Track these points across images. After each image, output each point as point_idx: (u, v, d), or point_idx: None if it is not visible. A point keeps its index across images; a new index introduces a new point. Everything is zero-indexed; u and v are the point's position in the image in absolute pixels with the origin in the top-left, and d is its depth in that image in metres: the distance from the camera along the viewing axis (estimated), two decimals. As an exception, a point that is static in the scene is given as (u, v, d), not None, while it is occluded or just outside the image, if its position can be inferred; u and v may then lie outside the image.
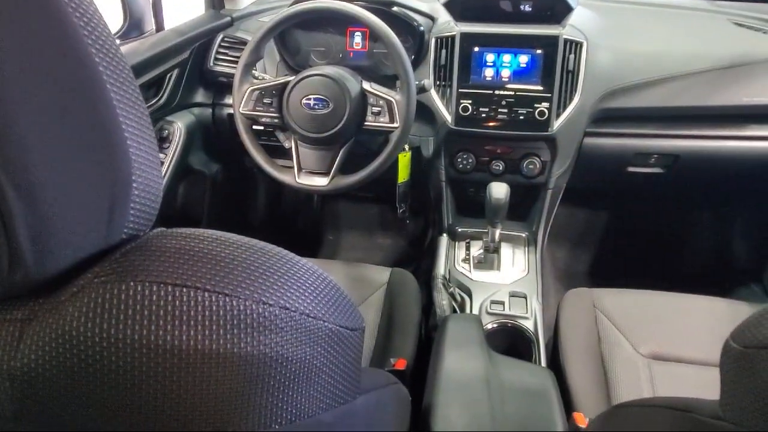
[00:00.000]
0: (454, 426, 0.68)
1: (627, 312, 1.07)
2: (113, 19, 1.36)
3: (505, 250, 1.28)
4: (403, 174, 1.32)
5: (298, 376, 0.34)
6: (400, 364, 0.92)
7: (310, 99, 1.11)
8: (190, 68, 1.40)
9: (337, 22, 1.32)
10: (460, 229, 1.38)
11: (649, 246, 1.72)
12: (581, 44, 1.20)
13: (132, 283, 0.31)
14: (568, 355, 1.02)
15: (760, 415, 0.37)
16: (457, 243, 1.33)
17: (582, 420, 0.84)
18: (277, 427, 0.33)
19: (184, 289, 0.31)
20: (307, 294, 0.36)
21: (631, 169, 1.34)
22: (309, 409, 0.35)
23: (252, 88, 1.16)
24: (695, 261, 1.67)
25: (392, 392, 0.56)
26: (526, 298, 1.13)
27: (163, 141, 1.33)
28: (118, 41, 0.47)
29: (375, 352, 1.04)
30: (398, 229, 1.88)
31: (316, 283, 0.38)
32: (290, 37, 1.38)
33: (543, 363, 1.03)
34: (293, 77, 1.12)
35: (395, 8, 1.29)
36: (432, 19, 1.32)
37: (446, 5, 1.31)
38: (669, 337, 1.02)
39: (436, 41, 1.26)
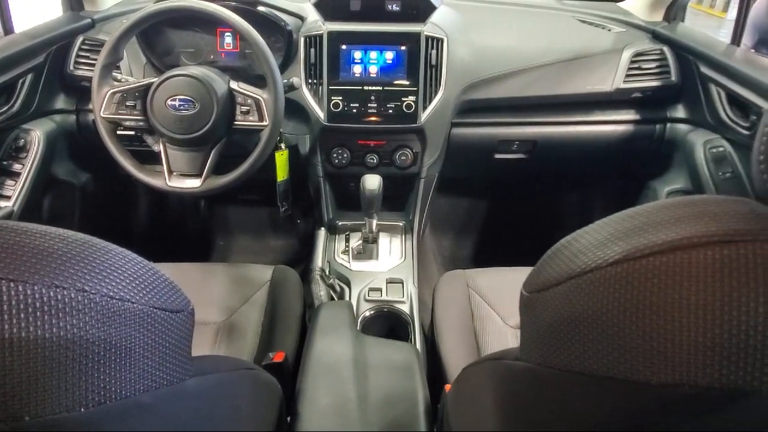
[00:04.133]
0: (319, 407, 0.70)
1: (497, 289, 1.15)
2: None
3: (383, 239, 1.33)
4: (281, 173, 1.33)
5: (105, 358, 0.35)
6: (279, 357, 0.93)
7: (175, 100, 1.09)
8: (47, 73, 1.32)
9: (205, 22, 1.31)
10: (340, 223, 1.41)
11: (523, 226, 1.85)
12: (442, 40, 1.27)
13: None
14: (443, 332, 1.08)
15: (538, 349, 0.42)
16: (337, 236, 1.36)
17: None
18: (83, 410, 0.34)
19: None
20: (112, 277, 0.37)
21: (497, 156, 1.44)
22: (122, 390, 0.36)
23: (113, 90, 1.12)
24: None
25: (244, 377, 0.57)
26: (402, 283, 1.18)
27: (19, 151, 1.25)
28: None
29: (259, 348, 1.05)
30: (288, 229, 1.88)
31: (126, 266, 0.39)
32: (159, 37, 1.34)
33: (418, 342, 1.08)
34: (156, 78, 1.10)
35: (262, 8, 1.29)
36: (301, 18, 1.34)
37: (316, 5, 1.34)
38: None
39: (305, 40, 1.29)
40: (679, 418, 0.34)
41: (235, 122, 1.13)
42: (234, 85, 1.13)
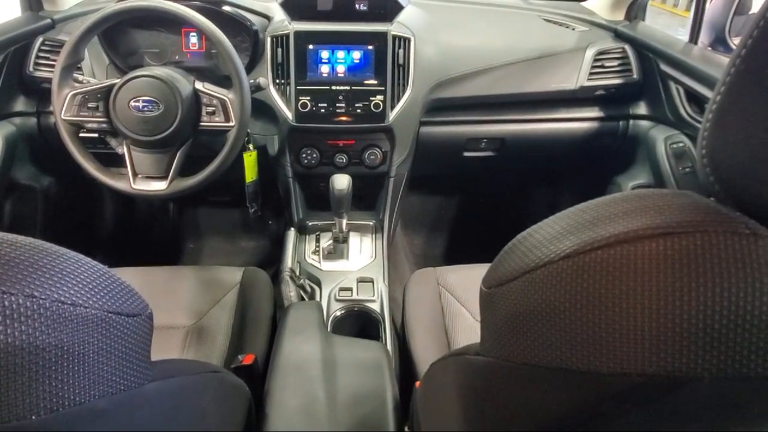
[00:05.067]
0: (287, 407, 0.70)
1: (467, 285, 1.16)
2: None
3: (354, 239, 1.33)
4: (250, 174, 1.32)
5: (56, 364, 0.34)
6: (248, 360, 0.92)
7: (138, 101, 1.07)
8: (5, 75, 1.29)
9: (169, 22, 1.29)
10: (310, 223, 1.41)
11: (494, 223, 1.87)
12: (409, 39, 1.28)
13: None
14: (414, 330, 1.08)
15: (496, 343, 0.43)
16: (307, 236, 1.36)
17: None
18: (34, 417, 0.33)
19: None
20: (63, 282, 0.36)
21: (466, 154, 1.46)
22: (75, 397, 0.35)
23: (73, 92, 1.09)
24: None
25: (208, 380, 0.56)
26: (373, 282, 1.19)
27: (-24, 155, 1.21)
28: None
29: (229, 351, 1.04)
30: (259, 230, 1.87)
31: (78, 271, 0.38)
32: (122, 37, 1.32)
33: (389, 341, 1.09)
34: (119, 79, 1.08)
35: (227, 8, 1.28)
36: (267, 18, 1.33)
37: (283, 5, 1.33)
38: None
39: (272, 40, 1.28)
40: (629, 407, 0.35)
41: (201, 123, 1.12)
42: (199, 85, 1.12)
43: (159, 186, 1.12)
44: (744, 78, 0.33)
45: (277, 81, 1.29)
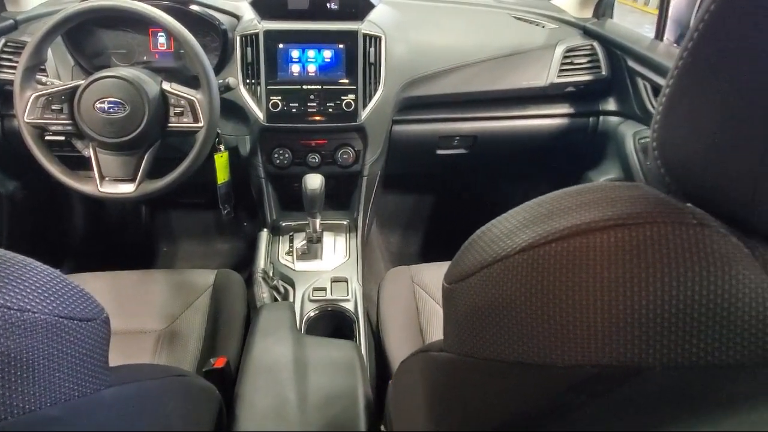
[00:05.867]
0: (258, 409, 0.69)
1: (441, 282, 1.16)
2: None
3: (328, 238, 1.33)
4: (222, 175, 1.30)
5: (4, 372, 0.33)
6: (220, 363, 0.91)
7: (104, 102, 1.06)
8: None
9: (136, 22, 1.27)
10: (284, 224, 1.40)
11: (468, 221, 1.88)
12: (380, 38, 1.28)
13: None
14: (388, 328, 1.08)
15: (458, 339, 0.43)
16: (281, 237, 1.35)
17: None
18: None
19: None
20: (11, 287, 0.35)
21: (439, 151, 1.46)
22: (25, 404, 0.34)
23: (36, 94, 1.07)
24: None
25: (173, 383, 0.55)
26: (347, 281, 1.18)
27: (-64, 160, 1.18)
28: None
29: (201, 355, 1.02)
30: (234, 232, 1.85)
31: (28, 275, 0.37)
32: (88, 38, 1.29)
33: (363, 340, 1.08)
34: (83, 80, 1.06)
35: (195, 7, 1.26)
36: (236, 17, 1.31)
37: (253, 4, 1.32)
38: None
39: (241, 39, 1.26)
40: (585, 399, 0.35)
41: (169, 124, 1.11)
42: (166, 86, 1.10)
43: (127, 189, 1.10)
44: (690, 71, 0.34)
45: (248, 81, 1.27)
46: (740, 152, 0.31)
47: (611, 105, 1.43)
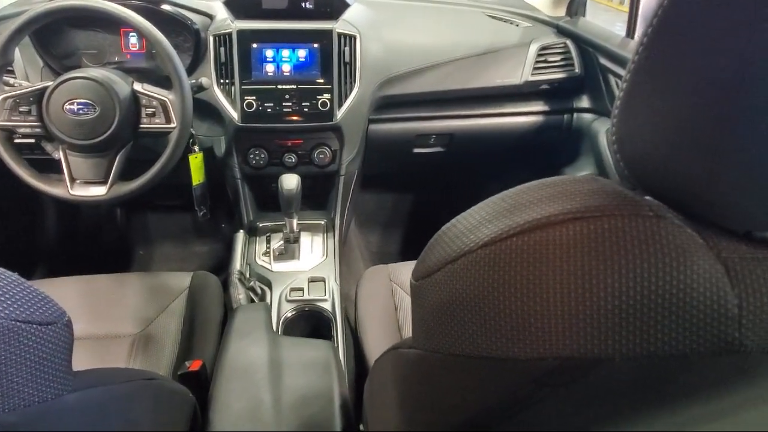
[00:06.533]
0: (233, 411, 0.69)
1: None
2: None
3: (305, 238, 1.32)
4: (197, 176, 1.29)
5: None
6: (195, 366, 0.90)
7: (73, 104, 1.04)
8: None
9: (107, 22, 1.25)
10: (260, 224, 1.39)
11: (447, 219, 1.89)
12: (354, 37, 1.27)
13: None
14: (366, 327, 1.08)
15: (425, 335, 0.43)
16: (258, 238, 1.34)
17: None
18: None
19: None
20: None
21: (416, 150, 1.47)
22: None
23: (4, 96, 1.05)
24: None
25: (142, 387, 0.55)
26: (324, 281, 1.18)
27: None
28: None
29: (177, 358, 1.01)
30: (212, 234, 1.83)
31: None
32: (58, 38, 1.27)
33: (341, 339, 1.08)
34: (52, 82, 1.04)
35: (167, 7, 1.25)
36: (209, 17, 1.30)
37: (226, 3, 1.31)
38: None
39: (214, 39, 1.25)
40: (548, 391, 0.35)
41: (141, 125, 1.09)
42: (138, 86, 1.09)
43: (98, 191, 1.09)
44: (646, 67, 0.34)
45: (221, 81, 1.26)
46: (694, 146, 0.32)
47: (585, 102, 1.45)
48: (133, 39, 1.30)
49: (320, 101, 1.26)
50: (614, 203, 0.34)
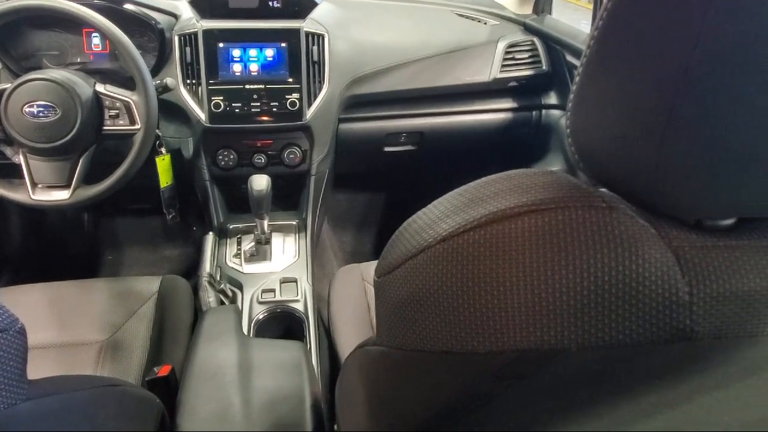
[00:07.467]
0: (200, 415, 0.68)
1: None
2: None
3: (277, 239, 1.31)
4: (165, 178, 1.27)
5: None
6: (164, 371, 0.89)
7: (33, 106, 1.01)
8: None
9: (67, 22, 1.22)
10: (231, 226, 1.37)
11: None
12: (323, 36, 1.27)
13: None
14: (339, 327, 1.08)
15: (388, 332, 0.43)
16: (228, 240, 1.32)
17: None
18: None
19: None
20: None
21: (387, 149, 1.47)
22: None
23: None
24: None
25: (103, 394, 0.53)
26: (296, 281, 1.17)
27: None
28: None
29: (147, 364, 0.99)
30: (183, 237, 1.80)
31: None
32: (16, 39, 1.24)
33: (313, 340, 1.07)
34: (9, 84, 1.01)
35: (131, 6, 1.23)
36: (174, 16, 1.28)
37: (192, 2, 1.29)
38: None
39: (179, 39, 1.23)
40: (509, 384, 0.36)
41: (104, 127, 1.07)
42: (100, 87, 1.07)
43: (61, 195, 1.06)
44: (596, 60, 0.35)
45: (188, 81, 1.24)
46: (642, 138, 0.32)
47: (553, 98, 1.47)
48: (96, 39, 1.27)
49: (289, 101, 1.25)
50: (568, 195, 0.35)
